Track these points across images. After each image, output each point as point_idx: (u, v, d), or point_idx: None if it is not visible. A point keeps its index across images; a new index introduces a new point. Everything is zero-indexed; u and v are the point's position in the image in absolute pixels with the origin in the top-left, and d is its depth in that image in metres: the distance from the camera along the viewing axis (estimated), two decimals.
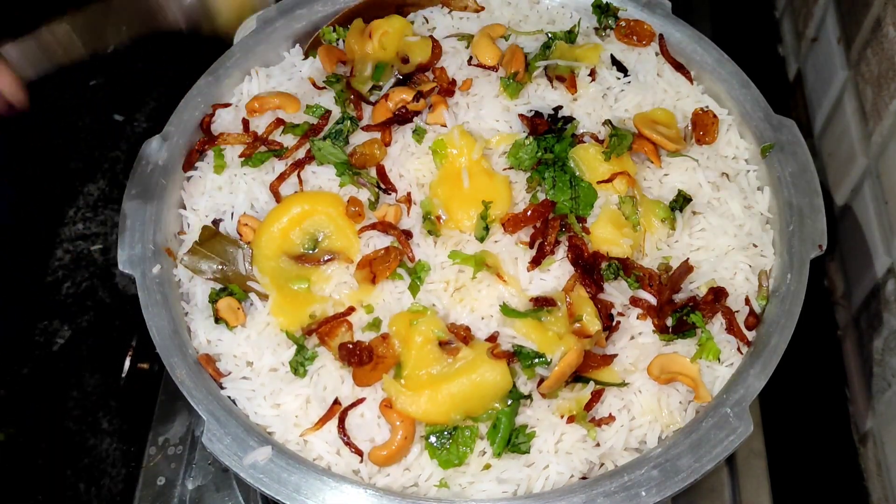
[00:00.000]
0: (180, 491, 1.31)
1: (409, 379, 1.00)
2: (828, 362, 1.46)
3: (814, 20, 1.66)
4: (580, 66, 1.23)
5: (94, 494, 1.42)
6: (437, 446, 0.99)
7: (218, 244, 1.13)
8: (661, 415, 1.02)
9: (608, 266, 1.08)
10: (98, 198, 1.74)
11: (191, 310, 1.11)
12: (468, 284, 1.07)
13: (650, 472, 0.95)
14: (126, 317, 1.57)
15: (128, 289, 1.60)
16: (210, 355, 1.07)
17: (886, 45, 1.31)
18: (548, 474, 0.98)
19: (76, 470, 1.44)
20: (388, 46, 1.26)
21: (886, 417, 1.29)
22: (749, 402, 0.99)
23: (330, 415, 1.01)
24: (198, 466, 1.33)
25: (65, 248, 1.68)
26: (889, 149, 1.29)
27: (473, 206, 1.11)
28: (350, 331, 1.05)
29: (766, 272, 1.11)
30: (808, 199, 1.14)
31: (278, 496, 0.95)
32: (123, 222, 1.14)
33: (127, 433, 1.46)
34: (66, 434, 1.47)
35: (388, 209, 1.11)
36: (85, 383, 1.52)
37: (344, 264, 1.09)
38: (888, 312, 1.29)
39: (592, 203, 1.13)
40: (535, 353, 1.02)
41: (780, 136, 1.20)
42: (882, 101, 1.32)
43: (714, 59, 1.27)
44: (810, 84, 1.67)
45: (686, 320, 1.06)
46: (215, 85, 1.27)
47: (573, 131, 1.18)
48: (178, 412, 1.37)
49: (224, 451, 0.98)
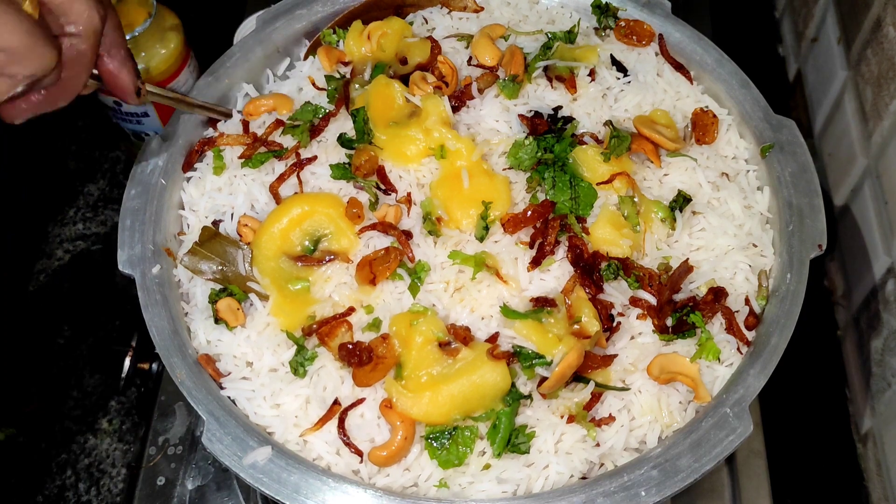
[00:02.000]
0: (180, 491, 1.31)
1: (410, 379, 1.00)
2: (828, 362, 1.46)
3: (814, 20, 1.66)
4: (580, 67, 1.24)
5: (94, 494, 1.42)
6: (437, 446, 0.99)
7: (218, 245, 1.13)
8: (661, 415, 1.02)
9: (608, 266, 1.08)
10: (98, 198, 1.74)
11: (191, 310, 1.11)
12: (468, 285, 1.07)
13: (650, 472, 0.95)
14: (126, 317, 1.57)
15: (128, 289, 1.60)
16: (210, 355, 1.07)
17: (886, 45, 1.31)
18: (548, 474, 0.98)
19: (76, 470, 1.44)
20: (387, 48, 1.26)
21: (886, 417, 1.29)
22: (749, 402, 0.99)
23: (330, 415, 1.01)
24: (198, 466, 1.33)
25: (65, 248, 1.68)
26: (889, 149, 1.29)
27: (473, 207, 1.11)
28: (350, 331, 1.05)
29: (766, 272, 1.12)
30: (808, 199, 1.14)
31: (278, 496, 0.95)
32: (123, 222, 1.14)
33: (127, 433, 1.47)
34: (66, 434, 1.47)
35: (388, 209, 1.11)
36: (85, 383, 1.52)
37: (344, 265, 1.09)
38: (888, 312, 1.29)
39: (592, 203, 1.13)
40: (534, 353, 1.02)
41: (780, 136, 1.20)
42: (882, 101, 1.32)
43: (714, 59, 1.27)
44: (810, 84, 1.67)
45: (686, 320, 1.06)
46: (215, 85, 1.27)
47: (573, 131, 1.18)
48: (178, 412, 1.37)
49: (224, 451, 0.98)
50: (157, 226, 1.14)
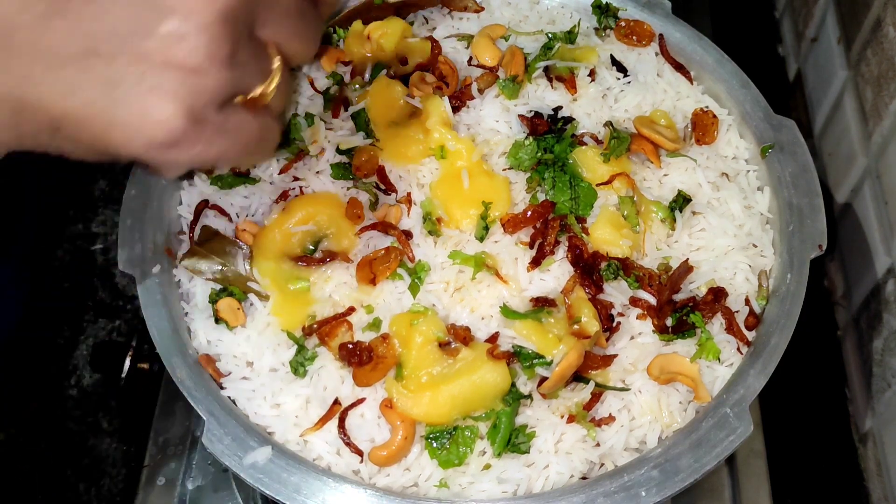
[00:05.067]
0: (180, 491, 1.31)
1: (410, 379, 1.00)
2: (828, 362, 1.46)
3: (814, 20, 1.66)
4: (580, 67, 1.24)
5: (94, 494, 1.42)
6: (437, 446, 0.99)
7: (218, 245, 1.13)
8: (661, 415, 1.02)
9: (608, 266, 1.08)
10: (98, 198, 1.74)
11: (191, 310, 1.11)
12: (468, 285, 1.07)
13: (650, 473, 0.95)
14: (126, 317, 1.58)
15: (128, 289, 1.60)
16: (210, 355, 1.07)
17: (886, 45, 1.31)
18: (548, 474, 0.98)
19: (76, 470, 1.44)
20: (387, 48, 1.26)
21: (886, 417, 1.29)
22: (749, 402, 0.99)
23: (330, 415, 1.01)
24: (198, 466, 1.33)
25: (65, 248, 1.68)
26: (889, 149, 1.30)
27: (473, 207, 1.11)
28: (350, 331, 1.05)
29: (766, 272, 1.12)
30: (808, 199, 1.14)
31: (278, 496, 0.95)
32: (123, 222, 1.14)
33: (127, 433, 1.47)
34: (66, 434, 1.47)
35: (389, 209, 1.11)
36: (85, 383, 1.52)
37: (344, 264, 1.09)
38: (888, 312, 1.29)
39: (592, 203, 1.13)
40: (534, 353, 1.02)
41: (780, 136, 1.20)
42: (882, 101, 1.32)
43: (714, 59, 1.27)
44: (810, 84, 1.67)
45: (686, 320, 1.06)
46: None
47: (573, 132, 1.18)
48: (177, 412, 1.37)
49: (224, 451, 0.98)
50: (157, 225, 1.14)
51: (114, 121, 0.70)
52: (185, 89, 0.70)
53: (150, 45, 0.68)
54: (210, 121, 0.73)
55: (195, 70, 0.69)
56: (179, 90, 0.69)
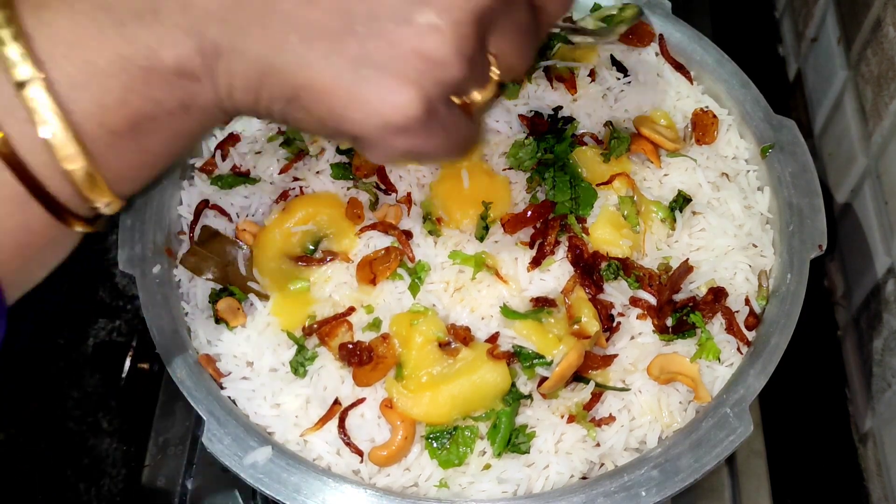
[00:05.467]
0: (180, 491, 1.31)
1: (410, 379, 1.00)
2: (828, 362, 1.46)
3: (814, 20, 1.65)
4: (580, 67, 1.24)
5: (94, 494, 1.42)
6: (437, 446, 0.99)
7: (218, 244, 1.13)
8: (661, 415, 1.02)
9: (608, 266, 1.08)
10: None
11: (191, 310, 1.11)
12: (468, 285, 1.07)
13: (650, 472, 0.95)
14: (126, 317, 1.57)
15: (128, 289, 1.60)
16: (210, 355, 1.07)
17: (886, 45, 1.31)
18: (548, 474, 0.98)
19: (76, 470, 1.44)
20: None
21: (886, 417, 1.29)
22: (749, 402, 0.99)
23: (330, 415, 1.01)
24: (198, 466, 1.32)
25: None
26: (889, 149, 1.29)
27: (473, 207, 1.11)
28: (350, 331, 1.05)
29: (766, 272, 1.12)
30: (808, 199, 1.14)
31: (278, 496, 0.95)
32: (124, 222, 1.14)
33: (127, 433, 1.46)
34: (66, 434, 1.47)
35: (389, 209, 1.11)
36: (85, 383, 1.52)
37: (344, 264, 1.09)
38: (888, 312, 1.29)
39: (592, 203, 1.13)
40: (535, 353, 1.02)
41: (780, 136, 1.20)
42: (882, 101, 1.32)
43: (714, 59, 1.27)
44: (810, 84, 1.67)
45: (686, 320, 1.06)
46: None
47: (573, 132, 1.18)
48: (178, 412, 1.37)
49: (224, 451, 0.98)
50: (157, 225, 1.14)
51: (355, 97, 0.71)
52: (428, 79, 0.71)
53: (405, 32, 0.69)
54: (439, 114, 0.74)
55: (441, 62, 0.70)
56: (421, 79, 0.71)
